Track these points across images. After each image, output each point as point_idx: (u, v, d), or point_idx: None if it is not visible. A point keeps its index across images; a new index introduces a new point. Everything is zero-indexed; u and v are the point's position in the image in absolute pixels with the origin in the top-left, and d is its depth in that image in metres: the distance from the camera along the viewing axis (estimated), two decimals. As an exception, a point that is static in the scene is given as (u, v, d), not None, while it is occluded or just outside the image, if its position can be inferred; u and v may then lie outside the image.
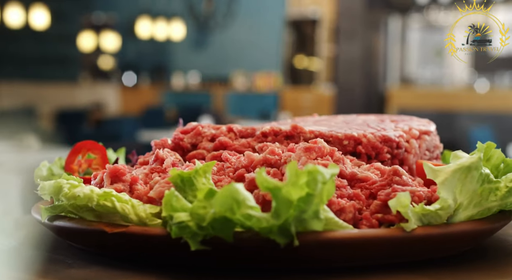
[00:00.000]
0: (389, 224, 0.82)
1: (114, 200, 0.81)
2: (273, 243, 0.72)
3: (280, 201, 0.72)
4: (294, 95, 10.51)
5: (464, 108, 8.15)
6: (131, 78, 11.91)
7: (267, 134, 1.01)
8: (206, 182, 0.80)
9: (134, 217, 0.81)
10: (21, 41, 10.33)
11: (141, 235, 0.79)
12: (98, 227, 0.81)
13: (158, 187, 0.84)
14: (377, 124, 1.10)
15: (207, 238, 0.73)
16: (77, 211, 0.84)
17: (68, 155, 1.09)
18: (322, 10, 11.56)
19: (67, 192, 0.82)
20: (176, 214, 0.74)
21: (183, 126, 1.08)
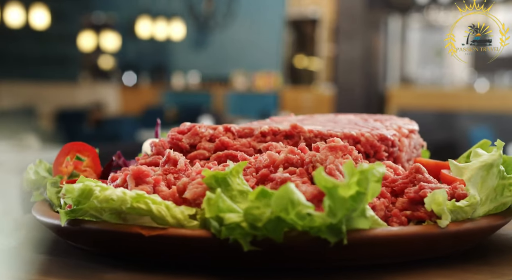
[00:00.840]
0: (418, 221, 0.84)
1: (149, 202, 0.79)
2: (323, 242, 0.74)
3: (336, 200, 0.73)
4: (294, 95, 10.51)
5: (464, 108, 8.15)
6: (131, 78, 11.91)
7: (266, 133, 1.01)
8: (241, 182, 0.80)
9: (171, 219, 0.79)
10: (21, 41, 10.32)
11: (182, 237, 0.77)
12: (134, 230, 0.78)
13: (192, 188, 0.82)
14: (365, 123, 1.12)
15: (258, 238, 0.74)
16: (101, 214, 0.81)
17: (57, 157, 1.06)
18: (322, 10, 11.56)
19: (98, 195, 0.79)
20: (227, 215, 0.75)
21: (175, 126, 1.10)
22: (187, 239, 0.77)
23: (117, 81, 11.73)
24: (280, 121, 1.14)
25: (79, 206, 0.81)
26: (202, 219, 0.79)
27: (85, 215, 0.82)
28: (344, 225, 0.73)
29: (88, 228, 0.82)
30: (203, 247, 0.77)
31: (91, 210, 0.81)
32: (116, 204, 0.78)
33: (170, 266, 0.81)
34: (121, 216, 0.81)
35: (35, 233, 0.96)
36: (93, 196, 0.79)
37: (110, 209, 0.80)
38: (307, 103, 10.11)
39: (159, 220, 0.79)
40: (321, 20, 11.65)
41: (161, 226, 0.79)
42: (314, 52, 12.09)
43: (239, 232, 0.74)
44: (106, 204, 0.79)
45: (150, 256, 0.81)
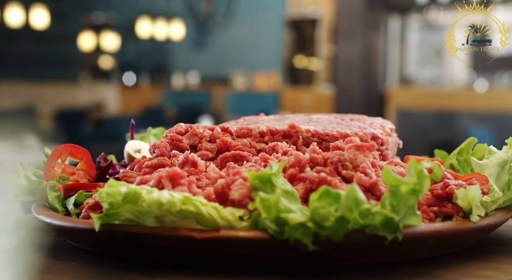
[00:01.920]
0: (445, 216, 0.88)
1: (197, 204, 0.78)
2: (379, 239, 0.76)
3: (399, 197, 0.75)
4: (293, 95, 10.51)
5: (463, 108, 8.15)
6: (131, 78, 11.91)
7: (264, 133, 1.02)
8: (284, 182, 0.81)
9: (221, 221, 0.78)
10: (21, 41, 10.32)
11: (237, 239, 0.77)
12: (184, 233, 0.77)
13: (239, 190, 0.81)
14: (348, 123, 1.14)
15: (321, 238, 0.75)
16: (138, 218, 0.79)
17: (48, 160, 1.02)
18: (322, 10, 11.56)
19: (146, 198, 0.77)
20: (290, 215, 0.75)
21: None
22: (243, 240, 0.76)
23: (117, 81, 11.73)
24: (253, 121, 1.15)
25: (114, 210, 0.79)
26: (253, 220, 0.79)
27: (119, 219, 0.80)
28: (402, 222, 0.76)
29: (129, 232, 0.79)
30: (260, 248, 0.77)
31: (127, 213, 0.79)
32: (165, 207, 0.77)
33: (171, 266, 0.81)
34: (159, 219, 0.79)
35: (35, 233, 0.96)
36: (140, 199, 0.77)
37: (141, 213, 0.79)
38: (306, 103, 10.11)
39: (207, 222, 0.78)
40: (320, 20, 11.65)
41: (204, 228, 0.78)
42: (313, 52, 12.09)
43: (302, 232, 0.74)
44: (154, 207, 0.77)
45: (198, 259, 0.80)
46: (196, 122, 1.23)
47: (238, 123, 1.12)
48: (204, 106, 9.96)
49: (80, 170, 1.04)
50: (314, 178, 0.85)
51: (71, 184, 0.98)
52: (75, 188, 0.98)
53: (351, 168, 0.88)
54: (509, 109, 7.90)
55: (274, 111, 9.31)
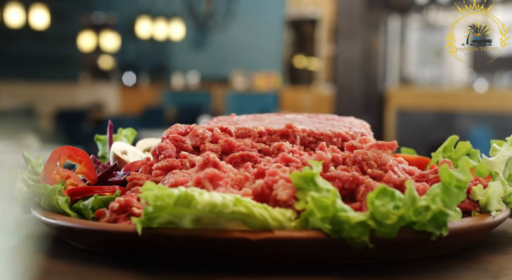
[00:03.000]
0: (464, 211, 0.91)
1: (249, 205, 0.77)
2: (426, 235, 0.78)
3: (452, 194, 0.78)
4: (293, 95, 10.51)
5: (463, 108, 8.15)
6: (131, 78, 11.91)
7: (262, 133, 1.03)
8: (324, 182, 0.82)
9: (272, 222, 0.78)
10: (21, 41, 10.32)
11: (293, 239, 0.77)
12: (237, 235, 0.77)
13: (284, 190, 0.81)
14: (327, 122, 1.16)
15: (378, 236, 0.76)
16: (180, 220, 0.79)
17: (47, 163, 0.98)
18: (322, 10, 11.56)
19: (200, 200, 0.76)
20: (350, 214, 0.76)
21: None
22: (299, 240, 0.77)
23: (117, 81, 11.73)
24: (228, 120, 1.17)
25: (156, 213, 0.77)
26: (303, 220, 0.79)
27: (160, 223, 0.79)
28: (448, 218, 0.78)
29: (175, 235, 0.78)
30: (315, 247, 0.78)
31: (169, 216, 0.78)
32: (218, 208, 0.76)
33: (171, 266, 0.81)
34: (197, 221, 0.78)
35: (35, 233, 0.96)
36: (193, 201, 0.76)
37: (183, 215, 0.78)
38: (306, 103, 10.10)
39: (259, 223, 0.78)
40: (320, 20, 11.65)
41: (250, 229, 0.78)
42: (313, 52, 12.09)
43: (360, 231, 0.76)
44: (208, 209, 0.76)
45: (249, 261, 0.79)
46: (196, 122, 1.23)
47: (210, 124, 1.12)
48: (204, 106, 9.96)
49: (80, 173, 1.01)
50: (347, 177, 0.86)
51: (77, 188, 0.95)
52: (81, 192, 0.95)
53: (376, 167, 0.90)
54: (509, 109, 7.90)
55: (274, 111, 9.31)
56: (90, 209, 0.92)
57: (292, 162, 0.93)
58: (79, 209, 0.93)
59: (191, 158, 0.96)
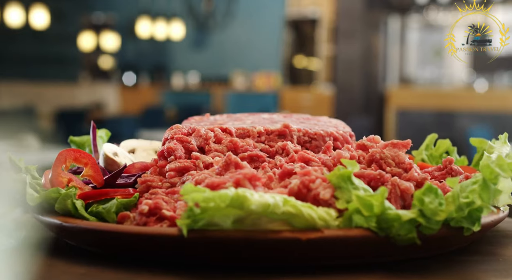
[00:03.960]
0: None
1: (298, 205, 0.78)
2: (460, 230, 0.81)
3: (490, 190, 0.80)
4: (293, 95, 10.51)
5: (463, 108, 8.15)
6: (131, 78, 11.91)
7: (261, 133, 1.04)
8: (359, 181, 0.84)
9: (319, 221, 0.79)
10: (21, 41, 10.32)
11: (344, 238, 0.78)
12: (287, 236, 0.77)
13: (326, 189, 0.83)
14: (313, 122, 1.18)
15: (427, 232, 0.79)
16: (223, 221, 0.78)
17: (54, 166, 0.96)
18: (322, 10, 11.56)
19: (254, 200, 0.76)
20: (400, 212, 0.78)
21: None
22: (350, 239, 0.78)
23: (117, 81, 11.73)
24: (201, 121, 1.17)
25: (202, 215, 0.77)
26: (346, 219, 0.80)
27: (204, 224, 0.78)
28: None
29: (226, 237, 0.77)
30: (365, 245, 0.79)
31: (216, 218, 0.77)
32: (271, 208, 0.77)
33: (171, 266, 0.81)
34: (243, 222, 0.78)
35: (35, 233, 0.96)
36: (247, 202, 0.76)
37: (227, 216, 0.77)
38: (306, 103, 10.10)
39: (306, 222, 0.79)
40: (320, 20, 11.65)
41: (290, 229, 0.79)
42: (313, 52, 12.08)
43: (408, 228, 0.78)
44: (261, 209, 0.76)
45: (298, 261, 0.80)
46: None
47: (187, 124, 1.12)
48: (204, 106, 9.95)
49: (87, 176, 0.98)
50: (373, 175, 0.88)
51: (91, 192, 0.92)
52: (94, 196, 0.92)
53: (394, 165, 0.92)
54: (509, 109, 7.90)
55: (274, 111, 9.30)
56: (114, 212, 0.89)
57: (312, 161, 0.94)
58: (97, 213, 0.90)
59: (203, 159, 0.96)
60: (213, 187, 0.83)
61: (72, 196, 0.89)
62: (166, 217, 0.84)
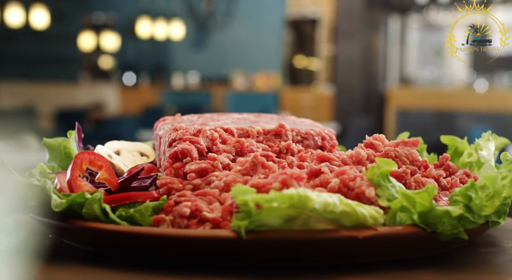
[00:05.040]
0: None
1: (352, 204, 0.80)
2: (488, 225, 0.86)
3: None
4: (293, 95, 10.51)
5: (463, 108, 8.15)
6: (131, 78, 11.91)
7: (259, 133, 1.05)
8: (393, 179, 0.86)
9: (370, 219, 0.81)
10: (21, 41, 10.32)
11: (396, 235, 0.80)
12: (344, 234, 0.78)
13: (370, 187, 0.84)
14: (292, 121, 1.19)
15: (468, 227, 0.82)
16: (276, 221, 0.78)
17: (71, 170, 0.93)
18: (322, 10, 11.56)
19: (316, 200, 0.77)
20: (449, 208, 0.81)
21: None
22: (401, 236, 0.80)
23: (117, 81, 11.72)
24: (178, 120, 1.17)
25: (259, 216, 0.77)
26: (391, 216, 0.82)
27: (255, 224, 0.78)
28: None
29: (286, 238, 0.78)
30: (414, 242, 0.82)
31: (271, 218, 0.78)
32: (330, 208, 0.78)
33: (171, 266, 0.81)
34: (294, 222, 0.79)
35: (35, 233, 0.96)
36: (310, 201, 0.77)
37: (280, 216, 0.78)
38: (306, 103, 10.11)
39: (358, 221, 0.80)
40: (320, 20, 11.65)
41: (338, 227, 0.80)
42: (313, 52, 12.08)
43: (455, 223, 0.81)
44: (323, 209, 0.77)
45: (351, 259, 0.81)
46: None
47: (160, 124, 1.14)
48: (204, 106, 9.95)
49: (102, 180, 0.94)
50: (398, 173, 0.91)
51: (115, 196, 0.89)
52: (119, 200, 0.89)
53: (408, 163, 0.95)
54: (509, 109, 7.90)
55: (274, 111, 9.31)
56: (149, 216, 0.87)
57: (331, 160, 0.95)
58: (129, 217, 0.86)
59: (221, 160, 0.95)
60: (259, 187, 0.83)
61: (99, 200, 0.86)
62: (208, 219, 0.83)
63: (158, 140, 1.11)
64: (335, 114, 9.28)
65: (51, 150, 1.15)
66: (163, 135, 1.06)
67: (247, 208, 0.77)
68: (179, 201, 0.88)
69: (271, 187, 0.82)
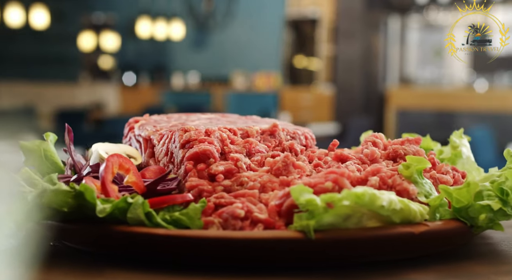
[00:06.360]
0: None
1: (406, 202, 0.82)
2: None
3: None
4: (293, 95, 10.51)
5: (463, 108, 8.15)
6: (131, 78, 11.91)
7: (258, 133, 1.06)
8: (422, 177, 0.90)
9: (419, 216, 0.83)
10: (21, 41, 10.32)
11: (444, 230, 0.84)
12: (401, 231, 0.80)
13: (410, 183, 0.88)
14: (259, 120, 1.20)
15: (508, 219, 0.87)
16: (336, 220, 0.79)
17: (105, 173, 0.89)
18: (322, 10, 11.56)
19: (383, 198, 0.79)
20: (490, 203, 0.85)
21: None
22: (448, 231, 0.84)
23: (117, 81, 11.72)
24: (147, 123, 1.16)
25: (325, 215, 0.77)
26: (432, 212, 0.86)
27: (319, 223, 0.78)
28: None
29: (352, 236, 0.79)
30: (456, 235, 0.87)
31: (332, 216, 0.78)
32: (392, 206, 0.80)
33: (171, 266, 0.81)
34: (351, 220, 0.80)
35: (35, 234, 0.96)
36: (378, 200, 0.79)
37: (339, 215, 0.79)
38: (306, 103, 10.11)
39: (407, 217, 0.82)
40: (320, 20, 11.65)
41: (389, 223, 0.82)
42: (313, 52, 12.09)
43: (492, 217, 0.85)
44: (387, 206, 0.79)
45: (407, 253, 0.84)
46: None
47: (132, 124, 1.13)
48: (204, 106, 9.95)
49: (131, 183, 0.92)
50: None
51: (154, 200, 0.86)
52: (157, 204, 0.86)
53: None
54: (509, 109, 7.90)
55: (274, 111, 9.31)
56: (199, 219, 0.84)
57: (349, 159, 0.97)
58: (175, 221, 0.83)
59: (244, 160, 0.94)
60: (311, 187, 0.83)
61: (142, 204, 0.82)
62: (261, 220, 0.82)
63: (144, 141, 1.09)
64: (335, 114, 9.28)
65: (28, 153, 1.11)
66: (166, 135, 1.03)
67: (313, 207, 0.77)
68: (219, 203, 0.86)
69: (324, 186, 0.83)
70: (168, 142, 1.01)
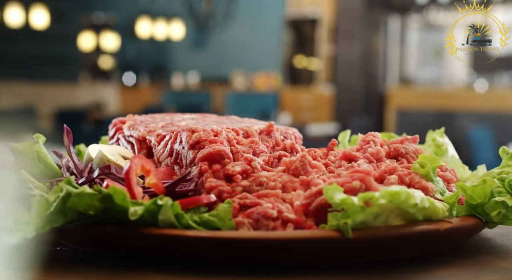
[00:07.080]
0: None
1: (432, 200, 0.84)
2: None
3: None
4: (293, 95, 10.51)
5: (463, 108, 8.14)
6: (131, 78, 11.91)
7: (256, 132, 1.07)
8: (435, 175, 0.94)
9: (441, 213, 0.86)
10: (21, 41, 10.32)
11: (466, 226, 0.87)
12: (428, 228, 0.83)
13: (428, 181, 0.90)
14: (247, 121, 1.20)
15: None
16: (368, 219, 0.79)
17: (130, 175, 0.88)
18: (322, 10, 11.56)
19: (415, 196, 0.81)
20: (506, 199, 0.88)
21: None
22: (467, 227, 0.87)
23: (117, 81, 11.72)
24: (135, 124, 1.14)
25: (360, 214, 0.78)
26: (449, 209, 0.88)
27: (354, 222, 0.79)
28: None
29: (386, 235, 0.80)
30: (472, 231, 0.90)
31: (366, 215, 0.79)
32: (421, 204, 0.82)
33: (171, 266, 0.81)
34: (379, 219, 0.81)
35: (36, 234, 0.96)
36: (412, 198, 0.80)
37: (374, 214, 0.80)
38: (306, 103, 10.11)
39: (431, 214, 0.84)
40: (320, 20, 11.65)
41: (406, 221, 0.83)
42: (313, 52, 12.09)
43: (505, 213, 0.88)
44: (421, 205, 0.81)
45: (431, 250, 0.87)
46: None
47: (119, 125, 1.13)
48: (204, 106, 9.95)
49: (151, 185, 0.91)
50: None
51: (184, 201, 0.86)
52: (187, 205, 0.86)
53: (417, 158, 0.98)
54: (509, 109, 7.90)
55: (274, 111, 9.31)
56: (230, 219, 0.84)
57: (357, 159, 0.97)
58: (205, 222, 0.83)
59: (258, 160, 0.94)
60: (342, 184, 0.86)
61: (172, 206, 0.81)
62: (291, 220, 0.82)
63: (137, 142, 1.07)
64: (335, 114, 9.28)
65: (20, 155, 1.08)
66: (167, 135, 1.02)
67: (348, 206, 0.78)
68: (244, 203, 0.85)
69: (352, 185, 0.84)
70: (172, 143, 0.99)
